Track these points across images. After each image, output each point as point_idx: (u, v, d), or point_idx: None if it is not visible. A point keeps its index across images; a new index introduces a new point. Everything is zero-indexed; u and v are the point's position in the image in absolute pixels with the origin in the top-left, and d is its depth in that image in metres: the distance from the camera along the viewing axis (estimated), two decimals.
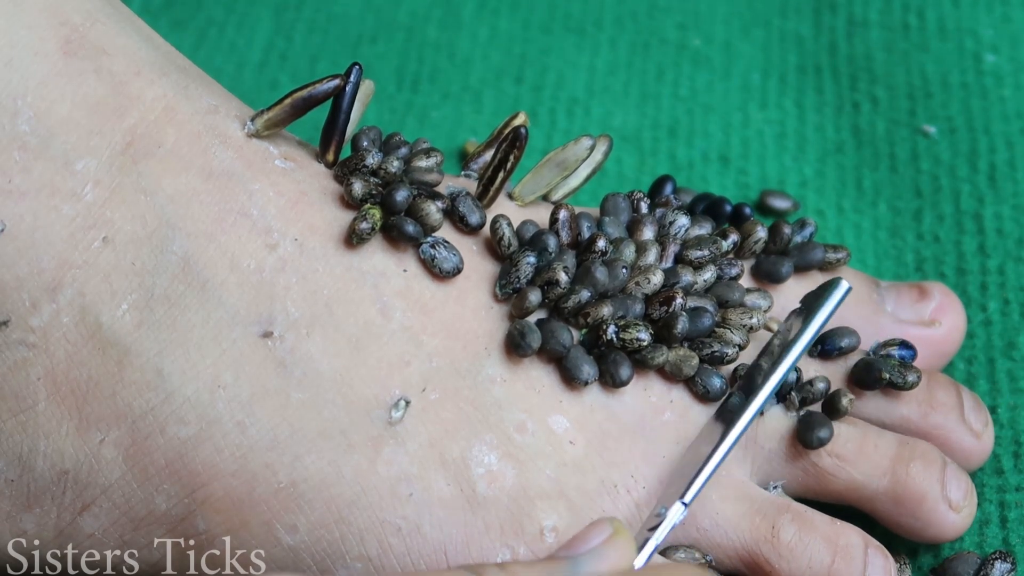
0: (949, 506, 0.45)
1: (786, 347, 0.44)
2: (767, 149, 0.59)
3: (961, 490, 0.45)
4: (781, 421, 0.45)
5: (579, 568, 0.37)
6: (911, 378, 0.46)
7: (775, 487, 0.45)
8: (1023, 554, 0.46)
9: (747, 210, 0.50)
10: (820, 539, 0.44)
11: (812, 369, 0.46)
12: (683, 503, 0.42)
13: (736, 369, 0.45)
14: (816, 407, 0.46)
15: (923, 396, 0.47)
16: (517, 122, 0.48)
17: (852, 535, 0.44)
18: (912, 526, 0.45)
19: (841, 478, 0.45)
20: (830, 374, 0.46)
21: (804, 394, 0.45)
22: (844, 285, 0.45)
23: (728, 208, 0.50)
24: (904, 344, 0.47)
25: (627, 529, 0.39)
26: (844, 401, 0.45)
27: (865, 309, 0.49)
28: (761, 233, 0.49)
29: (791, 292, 0.49)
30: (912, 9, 0.63)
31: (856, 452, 0.45)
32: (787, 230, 0.49)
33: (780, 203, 0.57)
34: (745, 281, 0.48)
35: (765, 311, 0.47)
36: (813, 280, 0.49)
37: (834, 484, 0.45)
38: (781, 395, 0.45)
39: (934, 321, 0.50)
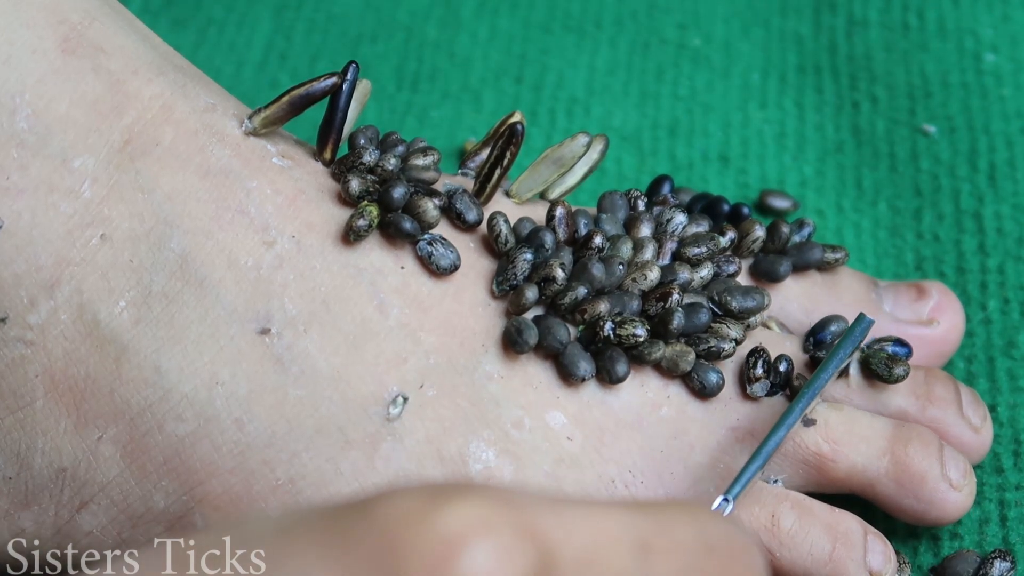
0: (950, 485, 0.45)
1: (816, 373, 0.45)
2: (767, 149, 0.59)
3: (960, 469, 0.45)
4: (776, 414, 0.45)
5: None
6: (897, 371, 0.46)
7: (776, 481, 0.45)
8: (1023, 553, 0.46)
9: (745, 209, 0.50)
10: (820, 526, 0.44)
11: (809, 369, 0.46)
12: (725, 498, 0.41)
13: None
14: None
15: (921, 390, 0.47)
16: (513, 120, 0.48)
17: (851, 522, 0.44)
18: (914, 508, 0.45)
19: (841, 462, 0.45)
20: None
21: (781, 376, 0.45)
22: (867, 320, 0.46)
23: (726, 207, 0.50)
24: (898, 342, 0.47)
25: None
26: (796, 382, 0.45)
27: (863, 309, 0.49)
28: (759, 232, 0.48)
29: (789, 291, 0.49)
30: (912, 9, 0.63)
31: (849, 433, 0.45)
32: (785, 229, 0.49)
33: (780, 203, 0.57)
34: (743, 280, 0.48)
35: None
36: (811, 280, 0.49)
37: (835, 470, 0.45)
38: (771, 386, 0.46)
39: (932, 320, 0.49)
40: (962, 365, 0.51)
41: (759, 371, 0.45)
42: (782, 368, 0.45)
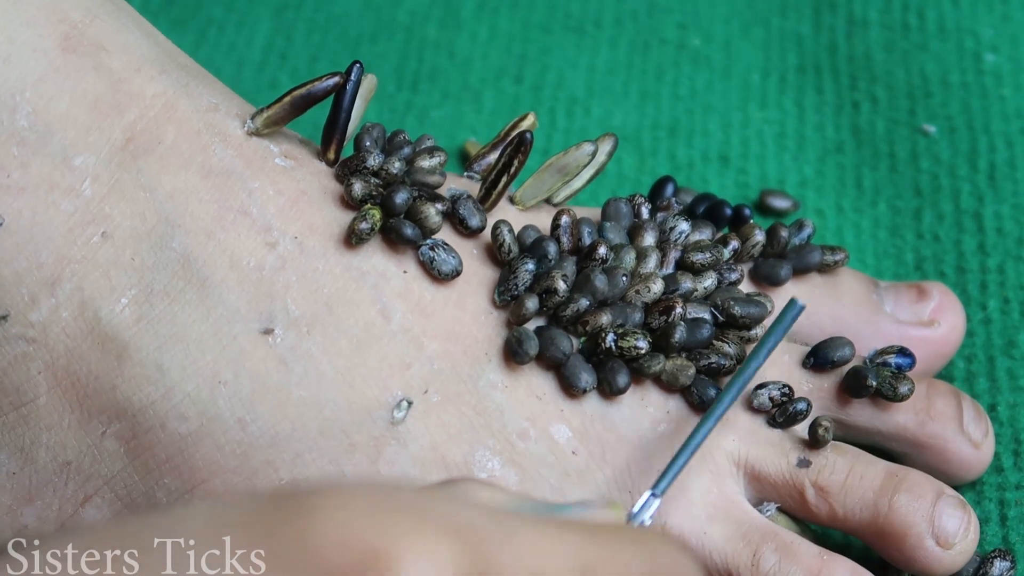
0: (937, 542, 0.43)
1: (746, 361, 0.43)
2: (767, 149, 0.59)
3: (955, 525, 0.43)
4: (772, 442, 0.45)
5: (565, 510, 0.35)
6: (902, 390, 0.45)
7: (769, 510, 0.44)
8: (1023, 552, 0.46)
9: (747, 212, 0.50)
10: (801, 571, 0.42)
11: (805, 382, 0.46)
12: (653, 493, 0.40)
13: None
14: (802, 426, 0.45)
15: (921, 405, 0.46)
16: (525, 124, 0.48)
17: (838, 569, 0.42)
18: (898, 559, 0.44)
19: (823, 509, 0.44)
20: (822, 386, 0.46)
21: (786, 416, 0.45)
22: (797, 305, 0.43)
23: (728, 211, 0.50)
24: (902, 351, 0.46)
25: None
26: (820, 431, 0.44)
27: (864, 310, 0.49)
28: (759, 236, 0.48)
29: (790, 295, 0.48)
30: (912, 9, 0.63)
31: (840, 484, 0.44)
32: (784, 233, 0.48)
33: (780, 203, 0.57)
34: (744, 285, 0.48)
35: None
36: (812, 282, 0.49)
37: (817, 514, 0.44)
38: (772, 416, 0.45)
39: (933, 321, 0.49)
40: (962, 365, 0.51)
41: (775, 393, 0.45)
42: (794, 407, 0.44)
